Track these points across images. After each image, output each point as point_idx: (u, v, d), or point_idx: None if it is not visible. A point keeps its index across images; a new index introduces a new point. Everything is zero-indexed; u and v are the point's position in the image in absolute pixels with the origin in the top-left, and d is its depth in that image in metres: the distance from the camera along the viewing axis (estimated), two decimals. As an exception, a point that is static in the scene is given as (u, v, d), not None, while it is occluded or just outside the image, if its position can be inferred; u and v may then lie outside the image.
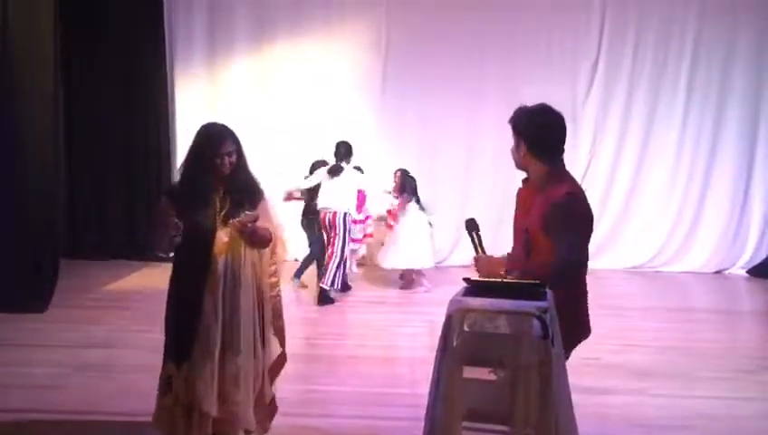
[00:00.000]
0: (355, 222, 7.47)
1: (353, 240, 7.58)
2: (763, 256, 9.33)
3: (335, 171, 7.04)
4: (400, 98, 9.28)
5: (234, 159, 3.13)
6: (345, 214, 6.97)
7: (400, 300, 7.39)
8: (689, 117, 9.32)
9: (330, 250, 7.01)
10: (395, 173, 7.80)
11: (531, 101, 2.86)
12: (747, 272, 9.30)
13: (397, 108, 9.28)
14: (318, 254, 7.41)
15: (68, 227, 9.08)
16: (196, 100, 9.27)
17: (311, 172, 7.43)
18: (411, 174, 7.71)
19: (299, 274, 7.60)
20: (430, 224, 7.67)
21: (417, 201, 7.61)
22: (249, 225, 3.06)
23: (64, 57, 6.96)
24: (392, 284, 7.91)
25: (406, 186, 7.54)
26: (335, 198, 7.00)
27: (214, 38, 9.37)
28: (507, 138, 2.84)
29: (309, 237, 7.54)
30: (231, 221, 3.07)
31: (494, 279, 2.67)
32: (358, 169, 7.51)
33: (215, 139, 3.12)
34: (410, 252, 7.51)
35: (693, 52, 9.20)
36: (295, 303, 7.18)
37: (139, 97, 9.30)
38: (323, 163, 7.32)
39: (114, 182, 9.37)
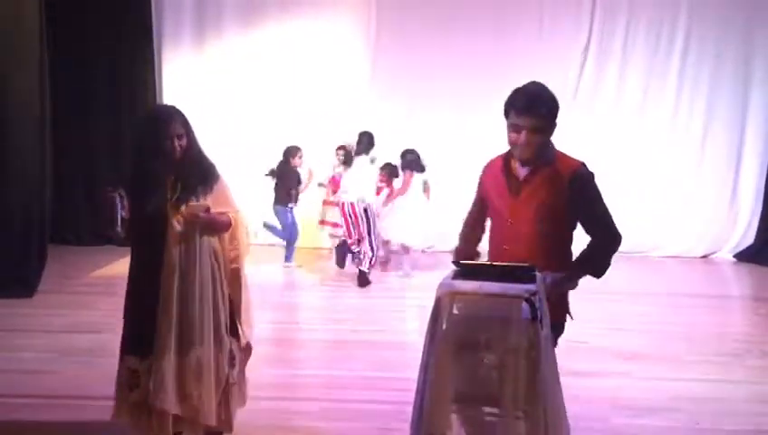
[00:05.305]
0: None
1: (333, 225, 7.97)
2: (751, 241, 9.40)
3: (346, 162, 7.38)
4: (390, 79, 9.24)
5: (183, 142, 2.97)
6: (362, 204, 7.13)
7: (390, 284, 7.40)
8: (680, 103, 9.34)
9: (356, 236, 7.18)
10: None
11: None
12: (734, 257, 9.36)
13: (387, 89, 9.23)
14: (291, 237, 7.68)
15: (55, 211, 9.01)
16: (185, 83, 9.21)
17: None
18: (410, 149, 7.71)
19: (289, 257, 7.71)
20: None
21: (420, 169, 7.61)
22: (201, 214, 2.94)
23: (49, 43, 6.87)
24: (380, 268, 7.92)
25: (408, 162, 7.58)
26: (350, 188, 7.21)
27: (202, 20, 9.31)
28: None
29: (282, 222, 7.72)
30: (181, 210, 2.93)
31: (482, 262, 2.67)
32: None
33: (162, 121, 2.96)
34: (401, 227, 7.57)
35: (685, 36, 9.21)
36: (284, 287, 7.18)
37: (126, 80, 9.24)
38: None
39: (102, 167, 9.30)
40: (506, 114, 2.75)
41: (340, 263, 7.48)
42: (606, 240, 2.80)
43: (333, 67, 9.25)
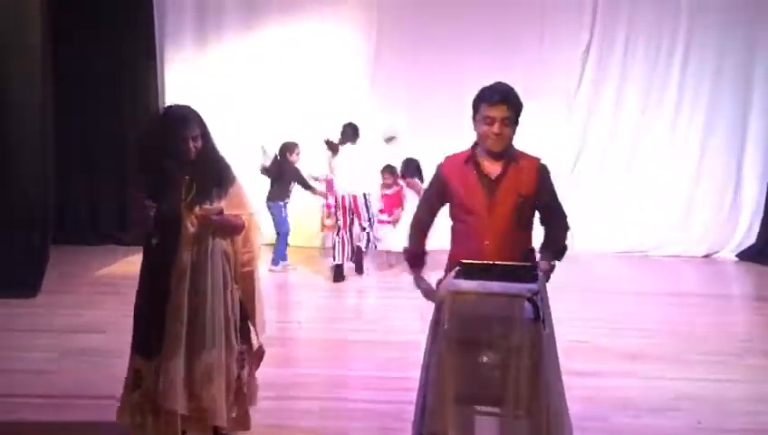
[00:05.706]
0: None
1: (326, 228, 8.14)
2: (753, 240, 9.39)
3: (332, 149, 7.25)
4: (391, 80, 9.20)
5: (199, 143, 2.95)
6: (364, 195, 7.21)
7: (390, 284, 7.40)
8: (682, 104, 9.32)
9: (348, 226, 7.23)
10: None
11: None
12: (737, 256, 9.34)
13: (386, 100, 9.18)
14: (284, 230, 7.66)
15: (58, 212, 9.04)
16: (186, 85, 9.20)
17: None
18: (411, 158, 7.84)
19: (284, 257, 7.71)
20: None
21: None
22: (213, 217, 2.93)
23: (52, 42, 6.89)
24: (382, 268, 7.93)
25: (413, 170, 7.72)
26: (347, 179, 7.19)
27: (203, 24, 9.33)
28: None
29: (276, 216, 7.66)
30: (194, 212, 2.93)
31: (485, 262, 2.68)
32: None
33: (178, 123, 2.92)
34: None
35: (684, 48, 9.19)
36: (285, 287, 7.18)
37: (128, 82, 9.24)
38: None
39: (105, 166, 9.32)
40: (476, 109, 2.91)
41: (359, 270, 7.51)
42: (565, 227, 3.02)
43: (333, 77, 9.19)
